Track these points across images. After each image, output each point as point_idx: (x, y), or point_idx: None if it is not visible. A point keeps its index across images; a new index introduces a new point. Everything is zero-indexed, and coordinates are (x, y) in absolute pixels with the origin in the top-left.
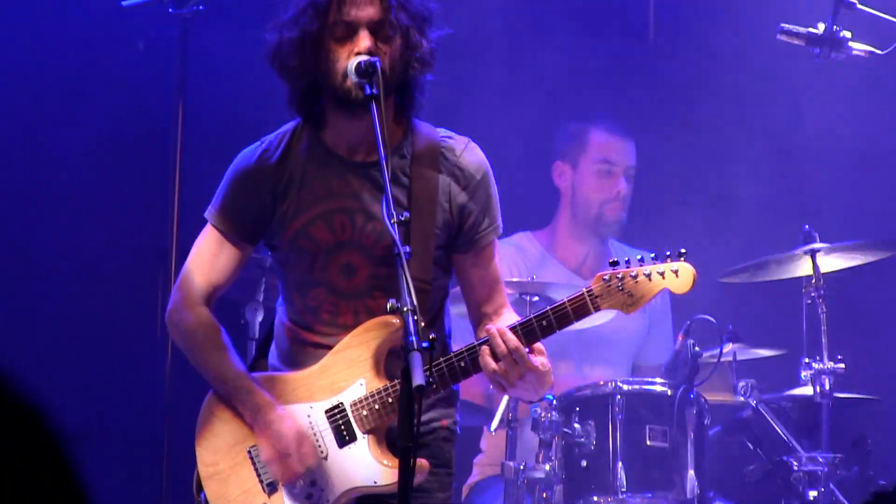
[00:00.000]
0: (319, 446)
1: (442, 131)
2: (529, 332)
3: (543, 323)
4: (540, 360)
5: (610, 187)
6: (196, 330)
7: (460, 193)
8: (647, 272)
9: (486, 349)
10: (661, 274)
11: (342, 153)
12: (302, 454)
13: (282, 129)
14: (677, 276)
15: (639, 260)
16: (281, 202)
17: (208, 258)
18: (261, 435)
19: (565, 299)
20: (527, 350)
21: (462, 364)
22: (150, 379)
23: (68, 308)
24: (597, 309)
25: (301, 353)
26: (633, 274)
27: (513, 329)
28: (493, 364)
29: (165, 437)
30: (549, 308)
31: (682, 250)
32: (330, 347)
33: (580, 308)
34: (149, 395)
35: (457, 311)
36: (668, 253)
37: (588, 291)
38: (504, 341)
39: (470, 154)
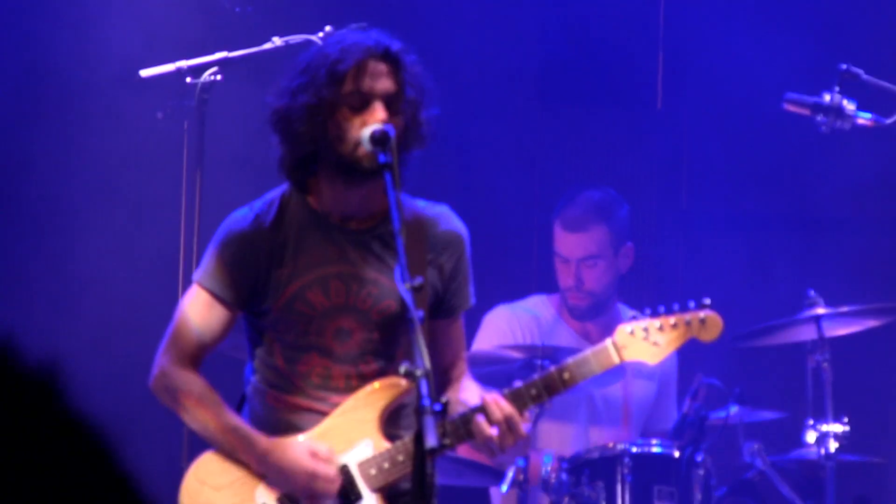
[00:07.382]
0: None
1: (420, 202)
2: (550, 384)
3: (565, 376)
4: (526, 426)
5: (567, 277)
6: (191, 390)
7: (447, 260)
8: (672, 322)
9: (481, 416)
10: (688, 323)
11: (334, 220)
12: (325, 474)
13: (269, 195)
14: (704, 324)
15: (662, 309)
16: (276, 267)
17: (197, 320)
18: (277, 475)
19: (588, 350)
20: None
21: (459, 432)
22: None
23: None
24: (622, 359)
25: (284, 418)
26: (658, 325)
27: (532, 383)
28: (487, 431)
29: None
30: (569, 360)
31: (707, 301)
32: (318, 411)
33: (604, 358)
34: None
35: None
36: (693, 304)
37: (612, 343)
38: (499, 408)
39: (452, 222)
